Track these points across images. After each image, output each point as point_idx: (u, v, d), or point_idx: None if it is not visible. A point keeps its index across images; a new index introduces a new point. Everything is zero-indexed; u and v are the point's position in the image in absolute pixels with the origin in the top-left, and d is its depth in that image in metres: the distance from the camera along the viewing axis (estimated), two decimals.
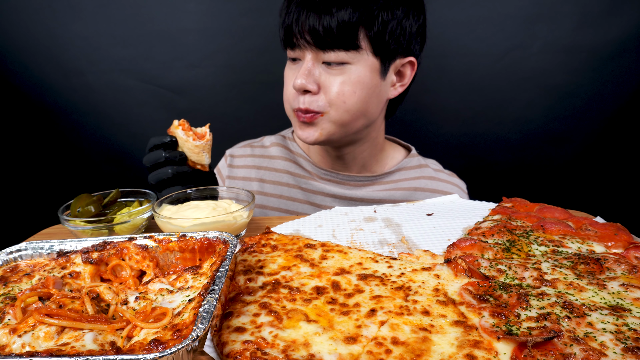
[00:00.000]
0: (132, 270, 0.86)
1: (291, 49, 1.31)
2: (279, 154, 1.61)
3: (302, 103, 1.29)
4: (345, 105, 1.29)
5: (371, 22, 1.21)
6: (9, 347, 0.63)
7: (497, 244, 0.96)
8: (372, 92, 1.31)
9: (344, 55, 1.24)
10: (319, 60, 1.27)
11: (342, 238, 1.09)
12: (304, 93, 1.29)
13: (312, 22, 1.20)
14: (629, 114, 2.26)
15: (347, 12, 1.18)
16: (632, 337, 0.65)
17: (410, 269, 0.88)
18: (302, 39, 1.24)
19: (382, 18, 1.22)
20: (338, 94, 1.27)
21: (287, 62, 1.39)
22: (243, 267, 0.89)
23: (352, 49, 1.23)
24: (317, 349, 0.65)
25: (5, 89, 2.33)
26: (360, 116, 1.34)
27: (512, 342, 0.65)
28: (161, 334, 0.64)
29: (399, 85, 1.40)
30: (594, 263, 0.85)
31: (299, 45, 1.26)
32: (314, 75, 1.27)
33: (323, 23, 1.19)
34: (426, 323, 0.71)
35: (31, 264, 0.88)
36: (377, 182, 1.55)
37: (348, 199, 1.52)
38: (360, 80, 1.27)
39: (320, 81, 1.27)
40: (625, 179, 2.40)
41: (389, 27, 1.24)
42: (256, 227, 1.20)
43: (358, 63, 1.26)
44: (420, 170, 1.60)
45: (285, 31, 1.29)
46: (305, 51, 1.27)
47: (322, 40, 1.22)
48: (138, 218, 1.11)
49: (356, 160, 1.52)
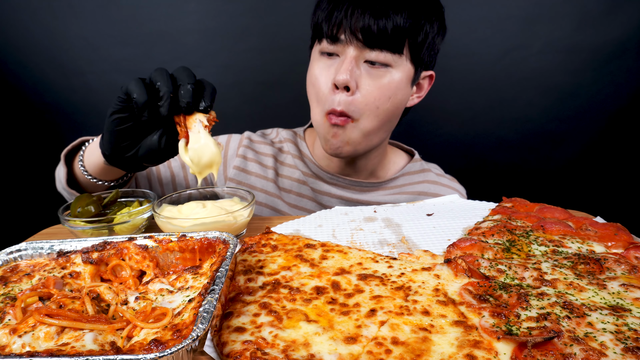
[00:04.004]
0: (132, 270, 0.86)
1: (332, 43, 1.26)
2: (291, 150, 1.59)
3: (338, 104, 1.26)
4: (377, 111, 1.28)
5: (418, 31, 1.24)
6: (9, 347, 0.63)
7: (497, 244, 0.96)
8: (402, 100, 1.33)
9: (389, 57, 1.24)
10: (362, 58, 1.25)
11: (342, 238, 1.09)
12: (342, 90, 1.25)
13: (367, 22, 1.19)
14: (629, 114, 2.26)
15: (403, 18, 1.19)
16: (632, 337, 0.65)
17: (410, 269, 0.88)
18: (352, 35, 1.21)
19: (426, 29, 1.25)
20: (374, 97, 1.26)
21: (317, 58, 1.33)
22: (243, 267, 0.89)
23: (397, 53, 1.24)
24: (317, 349, 0.65)
25: (5, 89, 2.33)
26: (386, 123, 1.34)
27: (512, 342, 0.65)
28: (161, 334, 0.64)
29: (416, 96, 1.43)
30: (594, 263, 0.85)
31: (344, 40, 1.23)
32: (356, 72, 1.24)
33: (379, 24, 1.19)
34: (426, 323, 0.71)
35: (31, 264, 0.88)
36: (382, 187, 1.56)
37: (355, 202, 1.53)
38: (397, 86, 1.27)
39: (359, 81, 1.25)
40: (625, 179, 2.40)
41: (428, 39, 1.28)
42: (256, 227, 1.20)
43: (398, 68, 1.26)
44: (424, 175, 1.60)
45: (332, 24, 1.24)
46: (347, 47, 1.24)
47: (373, 40, 1.21)
48: (138, 218, 1.11)
49: (367, 167, 1.52)
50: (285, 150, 1.60)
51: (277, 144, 1.63)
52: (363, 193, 1.54)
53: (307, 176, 1.55)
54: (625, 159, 2.36)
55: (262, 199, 1.52)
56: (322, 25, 1.27)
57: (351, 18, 1.21)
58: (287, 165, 1.57)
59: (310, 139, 1.61)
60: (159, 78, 0.90)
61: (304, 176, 1.55)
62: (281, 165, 1.58)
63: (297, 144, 1.62)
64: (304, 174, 1.56)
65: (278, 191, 1.54)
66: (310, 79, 1.35)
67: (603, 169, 2.40)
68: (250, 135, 1.62)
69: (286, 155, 1.59)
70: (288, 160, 1.58)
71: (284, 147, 1.61)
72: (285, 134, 1.64)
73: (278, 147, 1.62)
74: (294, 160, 1.57)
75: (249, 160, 1.56)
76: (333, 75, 1.25)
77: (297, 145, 1.61)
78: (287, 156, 1.59)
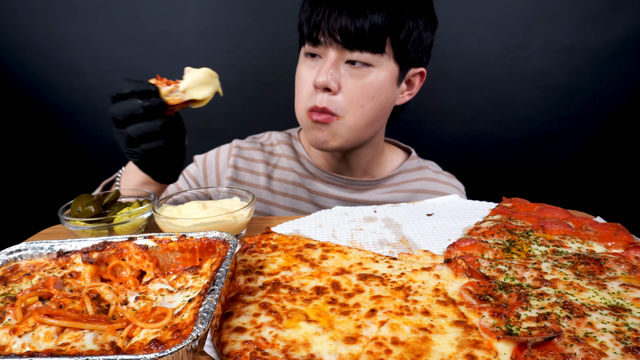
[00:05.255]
0: (132, 270, 0.86)
1: (313, 45, 1.28)
2: (285, 152, 1.59)
3: (320, 102, 1.27)
4: (362, 110, 1.28)
5: (399, 29, 1.23)
6: (9, 347, 0.63)
7: (497, 244, 0.96)
8: (388, 98, 1.32)
9: (370, 57, 1.24)
10: (343, 59, 1.25)
11: (342, 238, 1.09)
12: (324, 91, 1.26)
13: (344, 22, 1.19)
14: (629, 114, 2.26)
15: (381, 17, 1.19)
16: (632, 337, 0.65)
17: (410, 269, 0.88)
18: (331, 37, 1.22)
19: (409, 26, 1.24)
20: (358, 97, 1.26)
21: (303, 59, 1.35)
22: (243, 267, 0.89)
23: (378, 52, 1.23)
24: (317, 349, 0.65)
25: (5, 89, 2.33)
26: (374, 121, 1.34)
27: (512, 342, 0.65)
28: (161, 334, 0.64)
29: (407, 94, 1.42)
30: (594, 263, 0.85)
31: (324, 42, 1.24)
32: (337, 73, 1.25)
33: (356, 24, 1.19)
34: (426, 323, 0.71)
35: (31, 264, 0.88)
36: (379, 185, 1.55)
37: (352, 202, 1.53)
38: (380, 86, 1.27)
39: (341, 81, 1.26)
40: (625, 179, 2.40)
41: (413, 36, 1.26)
42: (256, 227, 1.20)
43: (381, 67, 1.26)
44: (421, 172, 1.60)
45: (311, 27, 1.26)
46: (329, 49, 1.25)
47: (352, 40, 1.21)
48: (138, 218, 1.11)
49: (360, 164, 1.52)
50: (279, 152, 1.60)
51: (267, 147, 1.62)
52: (360, 192, 1.54)
53: (303, 177, 1.55)
54: (625, 159, 2.36)
55: (257, 206, 1.52)
56: (303, 27, 1.29)
57: (329, 20, 1.21)
58: (281, 168, 1.57)
59: (305, 139, 1.61)
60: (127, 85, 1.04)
61: (299, 178, 1.55)
62: (274, 168, 1.57)
63: (292, 145, 1.62)
64: (300, 175, 1.56)
65: (272, 197, 1.55)
66: (296, 80, 1.37)
67: (603, 169, 2.39)
68: (239, 144, 1.62)
69: (279, 157, 1.59)
70: (282, 162, 1.58)
71: (275, 150, 1.61)
72: (279, 136, 1.64)
73: (269, 150, 1.61)
74: (289, 162, 1.57)
75: (240, 169, 1.57)
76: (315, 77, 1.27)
77: (293, 146, 1.61)
78: (281, 159, 1.58)
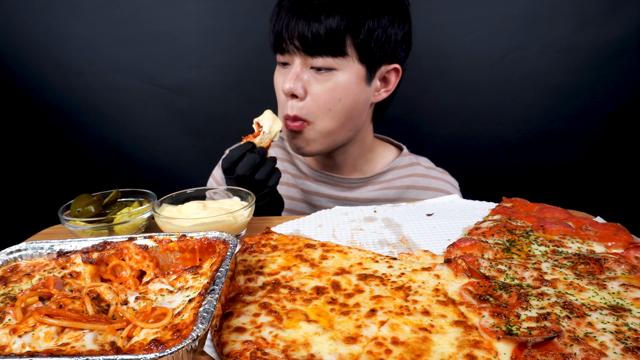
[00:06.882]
0: (132, 270, 0.86)
1: (281, 54, 1.34)
2: (278, 154, 1.63)
3: (291, 109, 1.33)
4: (330, 113, 1.32)
5: (358, 30, 1.24)
6: (9, 347, 0.63)
7: (497, 244, 0.96)
8: (357, 99, 1.34)
9: (332, 61, 1.27)
10: (308, 66, 1.30)
11: (342, 238, 1.09)
12: (292, 97, 1.32)
13: (302, 29, 1.23)
14: (629, 114, 2.26)
15: (335, 20, 1.21)
16: (632, 337, 0.65)
17: (410, 269, 0.88)
18: (292, 44, 1.27)
19: (368, 26, 1.25)
20: (324, 100, 1.30)
21: (277, 66, 1.41)
22: (243, 267, 0.89)
23: (339, 56, 1.26)
24: (317, 349, 0.65)
25: (5, 89, 2.33)
26: (346, 122, 1.36)
27: (512, 342, 0.65)
28: (161, 334, 0.64)
29: (384, 90, 1.43)
30: (594, 263, 0.85)
31: (288, 50, 1.29)
32: (302, 80, 1.30)
33: (312, 30, 1.22)
34: (426, 323, 0.71)
35: (31, 264, 0.88)
36: (370, 182, 1.56)
37: (342, 200, 1.54)
38: (346, 87, 1.30)
39: (307, 87, 1.30)
40: (625, 179, 2.39)
41: (375, 35, 1.27)
42: (256, 227, 1.20)
43: (345, 69, 1.29)
44: (412, 168, 1.60)
45: (275, 37, 1.32)
46: (294, 56, 1.30)
47: (311, 46, 1.25)
48: (138, 218, 1.11)
49: (347, 161, 1.54)
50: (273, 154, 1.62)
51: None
52: (351, 190, 1.55)
53: (296, 178, 1.58)
54: (625, 159, 2.35)
55: None
56: (269, 37, 1.34)
57: (288, 27, 1.26)
58: None
59: None
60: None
61: (293, 178, 1.58)
62: None
63: (284, 147, 1.65)
64: (293, 176, 1.58)
65: None
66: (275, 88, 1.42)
67: (603, 169, 2.39)
68: None
69: None
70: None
71: (271, 152, 1.63)
72: None
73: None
74: (282, 165, 1.61)
75: None
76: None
77: (285, 148, 1.65)
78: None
